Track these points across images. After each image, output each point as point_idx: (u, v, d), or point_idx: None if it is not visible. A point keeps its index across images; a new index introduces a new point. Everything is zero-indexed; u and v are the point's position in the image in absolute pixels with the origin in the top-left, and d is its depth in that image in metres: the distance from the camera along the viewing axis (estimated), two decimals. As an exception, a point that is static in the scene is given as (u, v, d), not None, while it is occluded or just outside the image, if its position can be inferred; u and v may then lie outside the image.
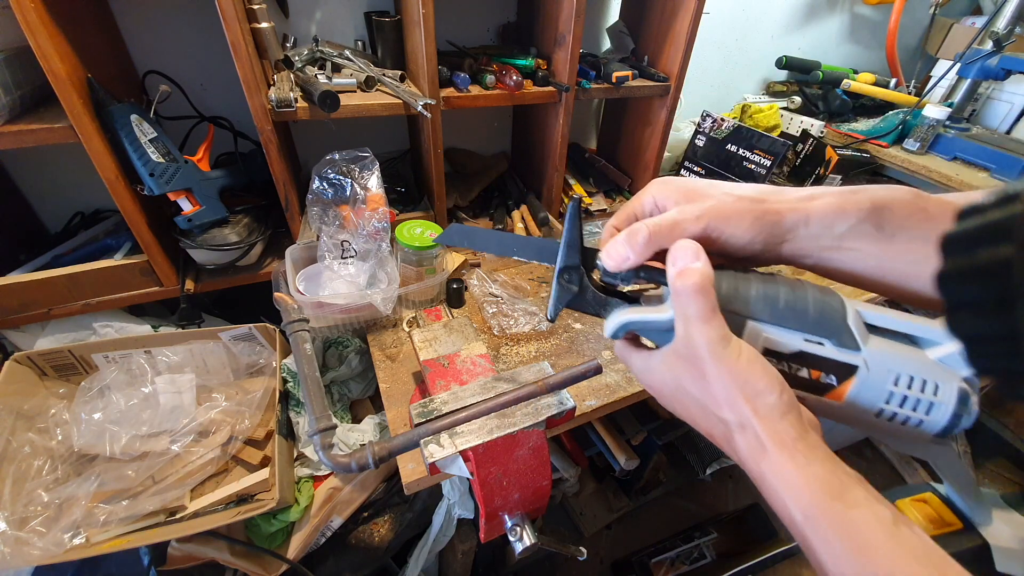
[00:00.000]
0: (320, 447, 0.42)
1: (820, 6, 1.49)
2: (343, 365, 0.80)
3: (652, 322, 0.31)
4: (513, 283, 0.94)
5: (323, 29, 0.95)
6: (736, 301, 0.28)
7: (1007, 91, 1.40)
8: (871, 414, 0.28)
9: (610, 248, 0.31)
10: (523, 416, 0.51)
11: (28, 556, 0.59)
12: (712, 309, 0.27)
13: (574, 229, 0.32)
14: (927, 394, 0.26)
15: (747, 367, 0.26)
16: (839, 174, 1.27)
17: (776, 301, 0.28)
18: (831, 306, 0.28)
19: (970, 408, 0.26)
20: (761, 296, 0.28)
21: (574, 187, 1.16)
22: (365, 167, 0.80)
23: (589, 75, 0.96)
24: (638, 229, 0.29)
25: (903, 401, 0.27)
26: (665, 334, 0.30)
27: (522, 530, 0.50)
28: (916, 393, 0.26)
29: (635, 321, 0.31)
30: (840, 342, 0.27)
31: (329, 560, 0.81)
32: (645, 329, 0.32)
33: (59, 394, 0.77)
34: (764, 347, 0.28)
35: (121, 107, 0.68)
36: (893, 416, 0.27)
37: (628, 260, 0.30)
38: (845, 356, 0.27)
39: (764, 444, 0.26)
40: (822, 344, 0.27)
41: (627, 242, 0.30)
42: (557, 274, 0.34)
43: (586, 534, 1.31)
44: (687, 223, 0.29)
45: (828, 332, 0.27)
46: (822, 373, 0.28)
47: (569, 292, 0.34)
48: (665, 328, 0.30)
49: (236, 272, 0.87)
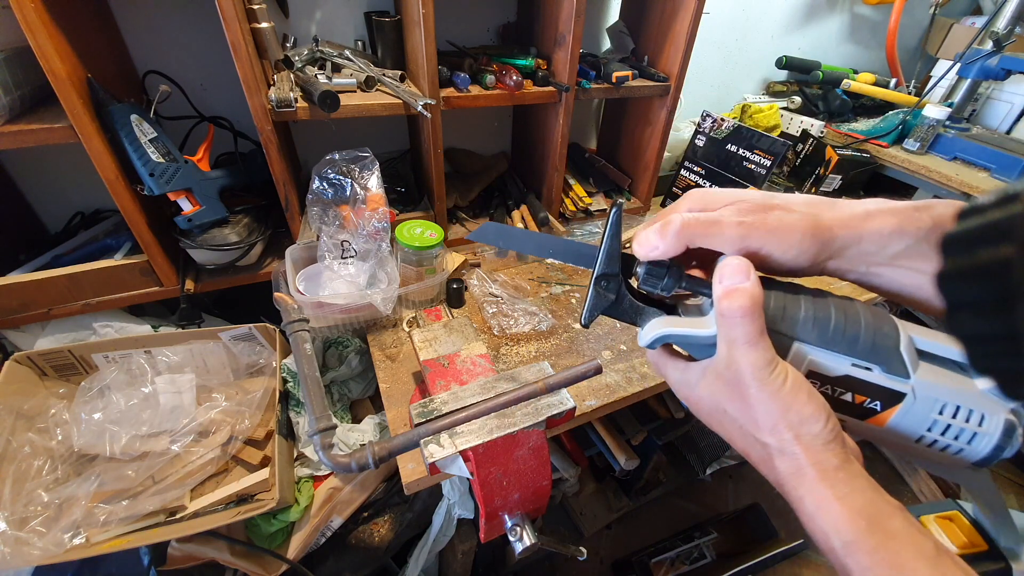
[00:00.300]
0: (320, 447, 0.42)
1: (820, 6, 1.49)
2: (343, 365, 0.80)
3: (693, 337, 0.30)
4: (513, 283, 0.94)
5: (323, 29, 0.95)
6: (784, 321, 0.27)
7: (1007, 91, 1.40)
8: (911, 440, 0.27)
9: (642, 236, 0.29)
10: (523, 416, 0.51)
11: (28, 556, 0.59)
12: (760, 332, 0.26)
13: (615, 237, 0.31)
14: (971, 424, 0.26)
15: (791, 394, 0.25)
16: (839, 174, 1.27)
17: (826, 324, 0.27)
18: (883, 331, 0.26)
19: (1015, 440, 0.25)
20: (811, 318, 0.27)
21: (574, 187, 1.16)
22: (365, 167, 0.80)
23: (589, 75, 0.96)
24: (672, 219, 0.28)
25: (946, 430, 0.26)
26: (705, 348, 0.29)
27: (522, 530, 0.50)
28: (960, 423, 0.26)
29: (674, 334, 0.30)
30: (890, 368, 0.26)
31: (329, 560, 0.81)
32: (684, 343, 0.31)
33: (59, 394, 0.77)
34: (809, 369, 0.27)
35: (121, 107, 0.68)
36: (933, 443, 0.27)
37: (656, 250, 0.28)
38: (893, 383, 0.26)
39: (805, 471, 0.25)
40: (870, 370, 0.27)
41: (659, 231, 0.28)
42: (594, 281, 0.32)
43: (586, 534, 1.31)
44: (727, 226, 0.27)
45: (879, 358, 0.26)
46: (867, 398, 0.27)
47: (606, 300, 0.33)
48: (706, 344, 0.29)
49: (236, 272, 0.87)
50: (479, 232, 0.37)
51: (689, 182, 1.23)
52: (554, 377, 0.47)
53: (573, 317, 0.89)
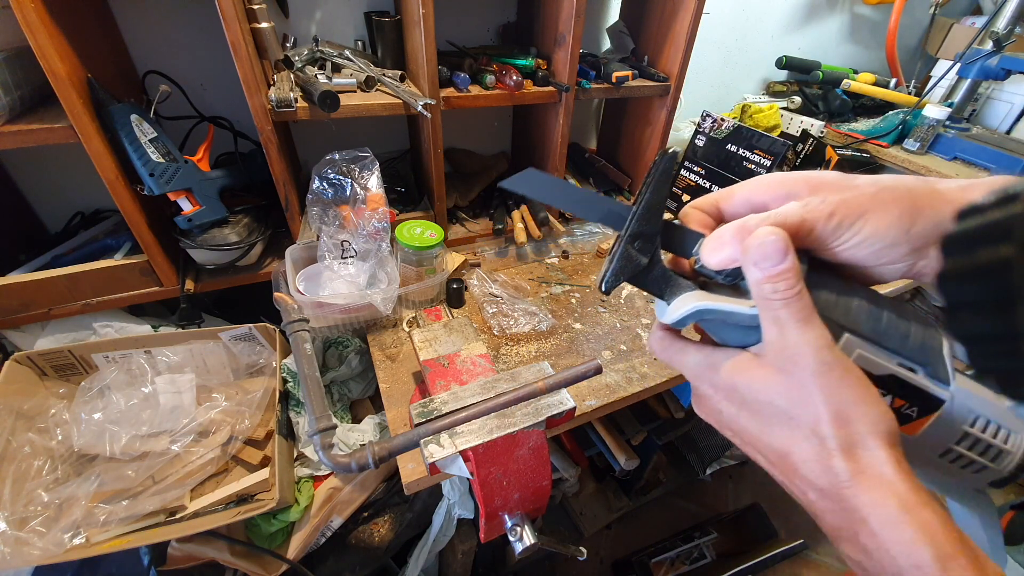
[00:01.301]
0: (320, 447, 0.42)
1: (820, 6, 1.49)
2: (343, 365, 0.80)
3: (734, 314, 0.26)
4: (513, 283, 0.94)
5: (323, 29, 0.95)
6: (836, 308, 0.25)
7: (1007, 91, 1.40)
8: (937, 452, 0.26)
9: (714, 243, 0.25)
10: (523, 416, 0.51)
11: (28, 556, 0.59)
12: (811, 309, 0.23)
13: (660, 190, 0.27)
14: (999, 440, 0.25)
15: (862, 383, 0.23)
16: (839, 174, 1.27)
17: (879, 316, 0.25)
18: (930, 333, 0.25)
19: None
20: (865, 308, 0.25)
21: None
22: (365, 167, 0.80)
23: (589, 75, 0.96)
24: (751, 225, 0.24)
25: (974, 444, 0.25)
26: (741, 331, 0.26)
27: (522, 530, 0.50)
28: (989, 438, 0.25)
29: (712, 309, 0.26)
30: (934, 372, 0.25)
31: (329, 560, 0.81)
32: (720, 320, 0.27)
33: (59, 394, 0.77)
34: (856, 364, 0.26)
35: (121, 107, 0.68)
36: (958, 457, 0.26)
37: (738, 260, 0.24)
38: (935, 388, 0.25)
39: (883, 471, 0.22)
40: (915, 371, 0.25)
41: (736, 237, 0.24)
42: (626, 238, 0.27)
43: (586, 534, 1.31)
44: (817, 220, 0.23)
45: (925, 359, 0.25)
46: (906, 403, 0.25)
47: (637, 263, 0.28)
48: (746, 324, 0.26)
49: (236, 272, 0.87)
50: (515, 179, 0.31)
51: (689, 182, 1.23)
52: (554, 377, 0.47)
53: (573, 317, 0.89)
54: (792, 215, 0.24)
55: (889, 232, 0.23)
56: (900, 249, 0.23)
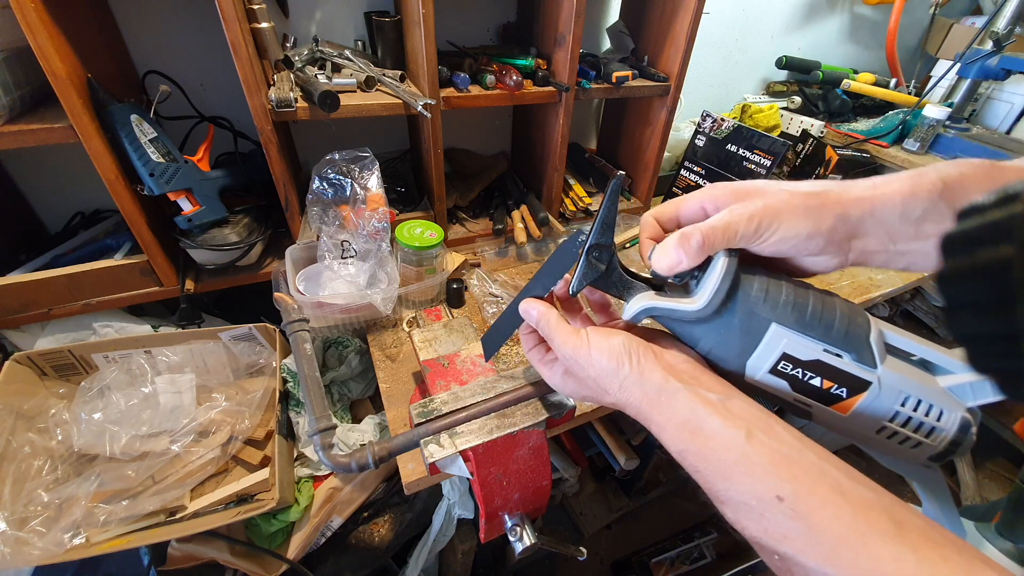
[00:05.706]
0: (320, 447, 0.42)
1: (820, 6, 1.49)
2: (343, 365, 0.80)
3: (677, 312, 0.31)
4: (513, 283, 0.94)
5: (323, 29, 0.95)
6: (765, 304, 0.28)
7: (1007, 91, 1.40)
8: (872, 429, 0.28)
9: (660, 251, 0.30)
10: (523, 416, 0.51)
11: (28, 556, 0.59)
12: (566, 333, 0.33)
13: (612, 207, 0.32)
14: (930, 418, 0.27)
15: (596, 360, 0.32)
16: (839, 174, 1.27)
17: (804, 309, 0.28)
18: (856, 322, 0.28)
19: (969, 437, 0.27)
20: (791, 302, 0.28)
21: (574, 187, 1.16)
22: (365, 167, 0.80)
23: (589, 75, 0.96)
24: (691, 233, 0.28)
25: (906, 422, 0.27)
26: (687, 324, 0.31)
27: (522, 530, 0.50)
28: (920, 416, 0.27)
29: (659, 307, 0.31)
30: (859, 357, 0.28)
31: (329, 560, 0.81)
32: (667, 316, 0.32)
33: (59, 394, 0.77)
34: (784, 351, 0.29)
35: (121, 107, 0.68)
36: (893, 434, 0.28)
37: (681, 264, 0.29)
38: (861, 371, 0.28)
39: (640, 408, 0.30)
40: (840, 356, 0.28)
41: (679, 246, 0.29)
42: (587, 251, 0.33)
43: (586, 534, 1.31)
44: (739, 224, 0.28)
45: (849, 346, 0.28)
46: (834, 384, 0.28)
47: (596, 270, 0.33)
48: (689, 320, 0.30)
49: (236, 272, 0.87)
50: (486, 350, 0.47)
51: (689, 182, 1.23)
52: (554, 377, 0.47)
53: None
54: (719, 222, 0.28)
55: (800, 229, 0.27)
56: (815, 242, 0.27)
